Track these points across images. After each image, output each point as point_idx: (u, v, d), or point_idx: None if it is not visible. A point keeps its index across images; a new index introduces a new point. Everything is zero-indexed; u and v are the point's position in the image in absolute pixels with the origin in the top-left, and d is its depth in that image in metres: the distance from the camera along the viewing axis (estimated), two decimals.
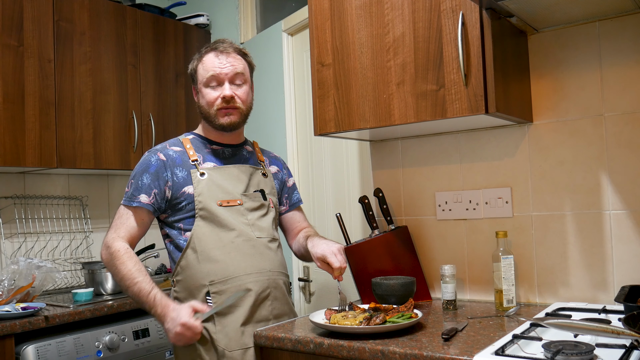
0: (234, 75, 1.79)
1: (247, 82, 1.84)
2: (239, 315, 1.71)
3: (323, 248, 1.75)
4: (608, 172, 1.77)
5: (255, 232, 1.78)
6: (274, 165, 2.00)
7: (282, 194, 2.00)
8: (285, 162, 2.09)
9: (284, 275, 1.84)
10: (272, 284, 1.78)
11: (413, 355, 1.36)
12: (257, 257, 1.77)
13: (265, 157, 1.99)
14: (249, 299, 1.72)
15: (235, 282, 1.72)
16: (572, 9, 1.69)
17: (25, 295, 2.31)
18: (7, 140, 2.47)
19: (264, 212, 1.84)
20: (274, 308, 1.78)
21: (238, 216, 1.77)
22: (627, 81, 1.74)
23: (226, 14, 3.41)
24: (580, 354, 1.20)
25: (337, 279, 1.72)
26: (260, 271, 1.76)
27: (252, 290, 1.73)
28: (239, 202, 1.79)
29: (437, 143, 2.09)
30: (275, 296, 1.79)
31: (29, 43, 2.58)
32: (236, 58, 1.81)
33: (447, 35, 1.67)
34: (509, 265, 1.81)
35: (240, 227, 1.76)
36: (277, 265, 1.82)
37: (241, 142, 1.94)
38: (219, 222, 1.75)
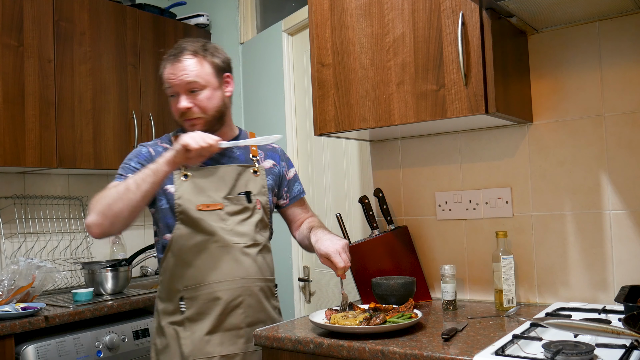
0: (186, 84, 1.70)
1: (208, 85, 1.72)
2: (205, 324, 1.69)
3: (327, 245, 1.68)
4: (608, 172, 1.77)
5: (232, 237, 1.73)
6: (269, 159, 1.90)
7: (282, 187, 1.92)
8: (285, 153, 1.98)
9: (262, 280, 1.77)
10: (246, 291, 1.72)
11: (413, 355, 1.36)
12: (230, 264, 1.72)
13: (261, 150, 1.90)
14: (217, 307, 1.69)
15: (205, 290, 1.70)
16: (572, 9, 1.69)
17: (25, 295, 2.31)
18: (7, 140, 2.47)
19: (247, 216, 1.77)
20: (246, 316, 1.72)
21: (217, 221, 1.72)
22: (627, 81, 1.74)
23: (226, 14, 3.41)
24: (580, 354, 1.20)
25: (340, 276, 1.71)
26: (232, 279, 1.71)
27: (222, 299, 1.69)
28: (219, 207, 1.73)
29: (437, 143, 2.09)
30: (249, 304, 1.73)
31: (29, 43, 2.58)
32: (190, 63, 1.71)
33: (447, 35, 1.67)
34: (509, 265, 1.81)
35: (218, 233, 1.71)
36: (255, 271, 1.75)
37: (231, 138, 1.84)
38: (197, 227, 1.71)
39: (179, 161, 1.60)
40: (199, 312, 1.70)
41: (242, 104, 3.29)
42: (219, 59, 1.77)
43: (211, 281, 1.70)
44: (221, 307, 1.70)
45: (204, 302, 1.70)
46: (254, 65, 3.20)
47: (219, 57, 1.78)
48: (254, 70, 3.20)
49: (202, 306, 1.70)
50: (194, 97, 1.71)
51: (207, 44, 1.78)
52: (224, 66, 1.79)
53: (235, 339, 1.71)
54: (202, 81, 1.71)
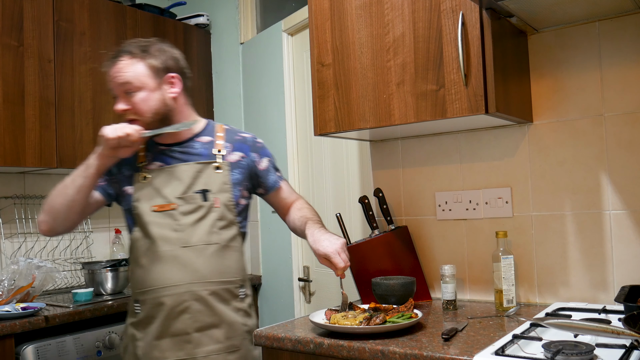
0: (122, 85, 1.69)
1: (143, 87, 1.69)
2: (153, 328, 1.68)
3: (326, 246, 1.65)
4: (608, 172, 1.77)
5: (183, 239, 1.69)
6: (237, 152, 1.81)
7: (255, 179, 1.85)
8: (257, 142, 1.88)
9: (215, 284, 1.70)
10: (192, 296, 1.66)
11: (413, 355, 1.36)
12: (177, 268, 1.67)
13: (229, 142, 1.82)
14: (162, 313, 1.67)
15: (151, 295, 1.68)
16: (572, 9, 1.69)
17: (25, 295, 2.31)
18: (7, 140, 2.47)
19: (202, 215, 1.71)
20: (194, 321, 1.66)
21: (170, 222, 1.69)
22: (627, 81, 1.74)
23: (226, 14, 3.41)
24: (580, 354, 1.20)
25: (339, 276, 1.70)
26: (177, 284, 1.66)
27: (165, 304, 1.66)
28: (172, 207, 1.70)
29: (437, 143, 2.09)
30: (197, 309, 1.67)
31: (29, 43, 2.58)
32: (127, 64, 1.69)
33: (447, 35, 1.67)
34: (509, 265, 1.81)
35: (168, 235, 1.68)
36: (206, 274, 1.69)
37: (191, 135, 1.81)
38: (150, 229, 1.69)
39: (105, 153, 1.65)
40: (148, 315, 1.69)
41: (242, 104, 3.29)
42: (159, 59, 1.73)
43: (156, 286, 1.68)
44: (165, 312, 1.66)
45: (151, 307, 1.69)
46: (254, 65, 3.20)
47: (160, 58, 1.73)
48: (254, 70, 3.20)
49: (149, 310, 1.69)
50: (130, 99, 1.70)
51: (150, 45, 1.75)
52: (165, 67, 1.74)
53: (183, 344, 1.66)
54: (136, 82, 1.69)
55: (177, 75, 1.77)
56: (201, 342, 1.66)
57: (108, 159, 1.68)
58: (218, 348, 1.68)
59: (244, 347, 1.73)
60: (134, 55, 1.71)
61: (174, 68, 1.77)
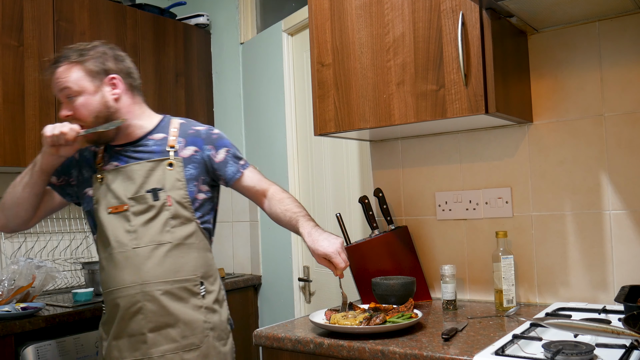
0: (61, 91, 1.71)
1: (82, 91, 1.70)
2: (112, 329, 1.71)
3: (325, 246, 1.63)
4: (608, 172, 1.77)
5: (134, 240, 1.69)
6: (190, 146, 1.79)
7: (212, 172, 1.81)
8: (212, 134, 1.83)
9: (169, 283, 1.69)
10: (145, 297, 1.67)
11: (413, 355, 1.36)
12: (129, 269, 1.68)
13: (182, 137, 1.79)
14: (118, 314, 1.69)
15: (109, 296, 1.73)
16: (572, 9, 1.69)
17: (25, 295, 2.31)
18: (7, 140, 2.47)
19: (153, 215, 1.70)
20: (148, 321, 1.67)
21: (123, 223, 1.71)
22: (627, 81, 1.74)
23: (226, 14, 3.41)
24: (580, 354, 1.20)
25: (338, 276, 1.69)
26: (130, 285, 1.68)
27: (120, 305, 1.69)
28: (125, 208, 1.71)
29: (437, 143, 2.09)
30: (150, 309, 1.67)
31: (29, 43, 2.58)
32: (64, 70, 1.70)
33: (447, 35, 1.67)
34: (509, 265, 1.81)
35: (120, 237, 1.70)
36: (159, 274, 1.68)
37: (144, 134, 1.80)
38: (106, 231, 1.72)
39: (46, 151, 1.69)
40: (109, 316, 1.74)
41: (242, 104, 3.29)
42: (96, 62, 1.72)
43: (112, 287, 1.71)
44: (120, 313, 1.69)
45: (110, 308, 1.73)
46: (254, 65, 3.20)
47: (98, 61, 1.73)
48: (254, 70, 3.20)
49: (109, 311, 1.74)
50: (72, 104, 1.71)
51: (88, 49, 1.74)
52: (104, 69, 1.73)
53: (138, 345, 1.67)
54: (75, 87, 1.70)
55: (117, 77, 1.75)
56: (156, 342, 1.67)
57: (50, 157, 1.71)
58: (174, 347, 1.68)
59: (205, 344, 1.71)
60: (71, 60, 1.71)
61: (114, 69, 1.76)
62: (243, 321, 3.05)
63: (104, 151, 1.81)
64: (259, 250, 3.15)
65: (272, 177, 2.95)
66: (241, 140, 3.28)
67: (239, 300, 3.04)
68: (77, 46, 1.75)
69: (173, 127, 1.82)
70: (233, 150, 1.85)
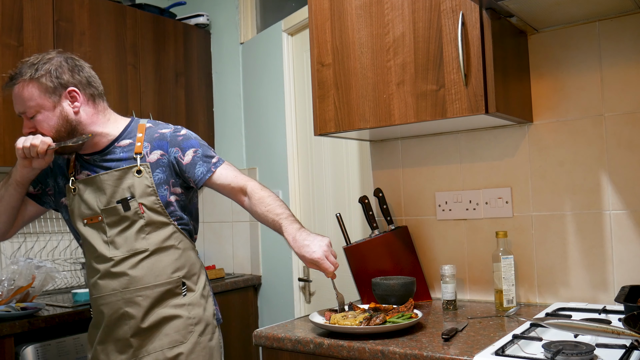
0: (20, 112, 1.72)
1: (40, 109, 1.69)
2: (99, 334, 1.74)
3: (312, 252, 1.59)
4: (608, 172, 1.77)
5: (111, 251, 1.71)
6: (157, 150, 1.76)
7: (181, 174, 1.77)
8: (177, 136, 1.79)
9: (149, 288, 1.70)
10: (126, 304, 1.69)
11: (413, 355, 1.36)
12: (110, 278, 1.71)
13: (148, 142, 1.77)
14: (103, 320, 1.72)
15: (94, 303, 1.76)
16: (572, 9, 1.69)
17: (25, 295, 2.31)
18: (7, 140, 2.47)
19: (127, 224, 1.71)
20: (130, 327, 1.69)
21: (100, 234, 1.73)
22: (627, 81, 1.74)
23: (226, 14, 3.41)
24: (580, 354, 1.20)
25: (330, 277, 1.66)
26: (111, 292, 1.70)
27: (104, 312, 1.72)
28: (100, 219, 1.72)
29: (437, 143, 2.09)
30: (133, 315, 1.69)
31: (29, 43, 2.58)
32: (19, 89, 1.68)
33: (447, 35, 1.67)
34: (509, 265, 1.81)
35: (99, 248, 1.72)
36: (138, 280, 1.70)
37: (111, 141, 1.78)
38: (86, 242, 1.75)
39: (19, 163, 1.70)
40: (95, 321, 1.77)
41: (242, 104, 3.29)
42: (51, 77, 1.68)
43: (96, 295, 1.74)
44: (105, 320, 1.72)
45: (96, 314, 1.76)
46: (254, 65, 3.20)
47: (52, 75, 1.69)
48: (254, 70, 3.20)
49: (96, 316, 1.77)
50: (33, 122, 1.71)
51: (41, 63, 1.70)
52: (60, 83, 1.70)
53: (125, 348, 1.70)
54: (32, 104, 1.68)
55: (75, 89, 1.72)
56: (141, 345, 1.70)
57: (24, 169, 1.71)
58: (159, 345, 1.70)
59: (190, 340, 1.72)
60: (25, 78, 1.68)
61: (71, 82, 1.72)
62: (243, 321, 3.05)
63: (75, 160, 1.80)
64: (259, 250, 3.15)
65: (272, 177, 2.98)
66: (241, 140, 3.28)
67: (239, 300, 3.04)
68: (33, 60, 1.70)
69: (139, 132, 1.79)
70: (202, 150, 1.79)
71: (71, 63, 1.74)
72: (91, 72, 1.80)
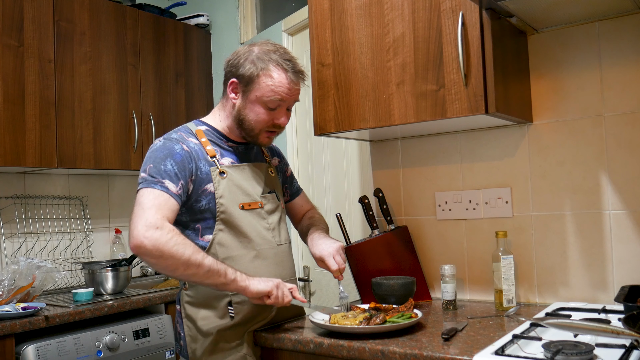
0: (293, 102, 1.68)
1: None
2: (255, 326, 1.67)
3: (321, 249, 1.70)
4: (608, 172, 1.77)
5: (276, 237, 1.72)
6: (275, 157, 1.90)
7: (283, 184, 1.91)
8: (279, 150, 1.97)
9: (295, 282, 1.80)
10: None
11: (413, 355, 1.37)
12: (279, 265, 1.71)
13: (267, 149, 1.87)
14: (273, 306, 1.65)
15: None
16: (572, 9, 1.69)
17: (25, 295, 2.31)
18: (7, 140, 2.48)
19: (280, 214, 1.77)
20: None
21: (260, 220, 1.68)
22: (627, 81, 1.74)
23: (226, 14, 3.41)
24: (580, 354, 1.20)
25: (337, 278, 1.72)
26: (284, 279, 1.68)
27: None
28: (259, 205, 1.69)
29: (437, 143, 2.09)
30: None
31: (29, 43, 2.58)
32: (300, 87, 1.68)
33: (447, 35, 1.67)
34: (509, 265, 1.81)
35: (263, 233, 1.68)
36: (293, 271, 1.78)
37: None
38: (242, 227, 1.64)
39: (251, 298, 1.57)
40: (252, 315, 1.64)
41: None
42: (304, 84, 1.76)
43: None
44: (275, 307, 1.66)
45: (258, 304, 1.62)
46: None
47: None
48: None
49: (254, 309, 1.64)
50: (287, 114, 1.69)
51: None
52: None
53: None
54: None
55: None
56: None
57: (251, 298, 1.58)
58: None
59: None
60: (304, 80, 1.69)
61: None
62: None
63: (213, 143, 1.69)
64: None
65: None
66: None
67: None
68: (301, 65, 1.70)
69: None
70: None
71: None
72: None
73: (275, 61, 1.62)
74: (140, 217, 1.46)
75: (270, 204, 1.74)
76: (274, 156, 1.90)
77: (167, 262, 1.46)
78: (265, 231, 1.69)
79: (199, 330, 1.62)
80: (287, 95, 1.63)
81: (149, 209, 1.47)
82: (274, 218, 1.74)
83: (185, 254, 1.46)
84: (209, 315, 1.62)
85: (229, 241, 1.63)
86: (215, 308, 1.62)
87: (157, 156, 1.57)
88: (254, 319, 1.65)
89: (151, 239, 1.43)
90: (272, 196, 1.76)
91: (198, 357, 1.62)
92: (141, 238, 1.43)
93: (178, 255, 1.45)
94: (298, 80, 1.65)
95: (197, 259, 1.47)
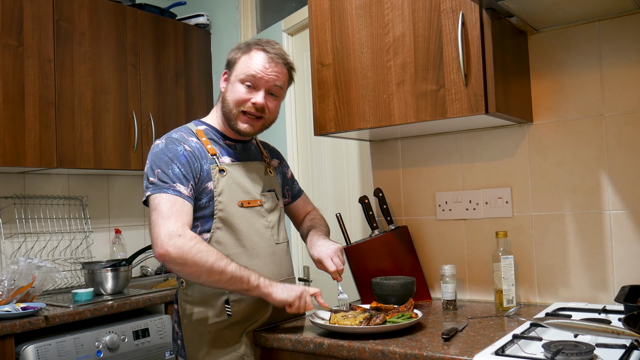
0: (273, 86, 1.67)
1: (281, 96, 1.73)
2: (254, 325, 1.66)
3: (320, 251, 1.71)
4: (608, 172, 1.77)
5: (274, 236, 1.72)
6: (275, 159, 1.91)
7: (284, 186, 1.92)
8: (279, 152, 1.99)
9: (294, 281, 1.80)
10: None
11: (413, 355, 1.36)
12: (276, 264, 1.71)
13: (266, 150, 1.88)
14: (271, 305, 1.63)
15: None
16: (572, 9, 1.69)
17: (25, 295, 2.31)
18: (7, 140, 2.47)
19: (280, 213, 1.78)
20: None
21: (259, 218, 1.69)
22: (627, 81, 1.74)
23: (226, 14, 3.41)
24: (580, 354, 1.20)
25: (335, 279, 1.72)
26: (279, 280, 1.67)
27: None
28: (259, 203, 1.70)
29: (437, 143, 2.09)
30: None
31: (29, 43, 2.58)
32: (282, 71, 1.68)
33: (447, 35, 1.67)
34: (509, 265, 1.81)
35: (261, 231, 1.68)
36: (291, 270, 1.79)
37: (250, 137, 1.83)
38: (240, 225, 1.64)
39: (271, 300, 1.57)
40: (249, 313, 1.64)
41: None
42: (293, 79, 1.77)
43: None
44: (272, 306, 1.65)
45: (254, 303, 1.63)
46: None
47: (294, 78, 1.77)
48: None
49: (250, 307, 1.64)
50: (269, 100, 1.68)
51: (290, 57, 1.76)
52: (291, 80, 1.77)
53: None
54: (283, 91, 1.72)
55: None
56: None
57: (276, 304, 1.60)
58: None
59: None
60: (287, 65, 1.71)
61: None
62: None
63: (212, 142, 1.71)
64: None
65: None
66: None
67: None
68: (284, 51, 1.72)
69: (257, 140, 1.90)
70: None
71: None
72: None
73: (257, 44, 1.69)
74: (162, 225, 1.50)
75: (270, 202, 1.74)
76: (273, 158, 1.90)
77: (191, 270, 1.50)
78: (264, 229, 1.70)
79: (197, 329, 1.62)
80: (262, 72, 1.64)
81: (168, 217, 1.51)
82: (274, 217, 1.74)
83: (209, 261, 1.49)
84: (206, 313, 1.62)
85: (226, 239, 1.63)
86: (212, 306, 1.62)
87: (163, 160, 1.59)
88: (252, 318, 1.65)
89: (174, 247, 1.47)
90: (272, 195, 1.77)
91: (196, 356, 1.62)
92: (165, 247, 1.47)
93: (201, 262, 1.48)
94: (277, 62, 1.66)
95: (220, 265, 1.50)
